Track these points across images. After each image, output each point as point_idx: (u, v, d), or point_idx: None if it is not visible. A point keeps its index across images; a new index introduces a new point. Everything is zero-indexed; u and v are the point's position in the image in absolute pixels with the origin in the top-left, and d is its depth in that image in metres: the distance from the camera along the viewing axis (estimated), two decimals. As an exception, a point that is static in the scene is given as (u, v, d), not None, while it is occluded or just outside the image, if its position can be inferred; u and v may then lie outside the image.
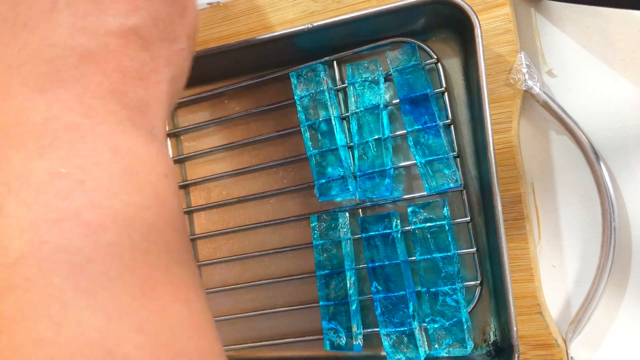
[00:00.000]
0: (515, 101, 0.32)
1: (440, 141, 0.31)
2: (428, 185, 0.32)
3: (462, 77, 0.33)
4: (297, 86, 0.34)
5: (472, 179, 0.33)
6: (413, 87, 0.32)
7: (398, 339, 0.32)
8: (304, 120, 0.34)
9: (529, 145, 0.34)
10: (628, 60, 0.32)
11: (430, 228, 0.32)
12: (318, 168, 0.33)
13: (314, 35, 0.33)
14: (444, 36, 0.33)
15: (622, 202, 0.32)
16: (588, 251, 0.33)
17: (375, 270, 0.33)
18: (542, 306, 0.32)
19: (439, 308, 0.31)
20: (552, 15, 0.34)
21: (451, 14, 0.30)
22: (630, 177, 0.32)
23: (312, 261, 0.34)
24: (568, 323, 0.32)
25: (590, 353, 0.32)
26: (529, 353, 0.32)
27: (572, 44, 0.33)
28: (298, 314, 0.36)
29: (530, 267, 0.32)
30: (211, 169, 0.39)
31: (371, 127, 0.33)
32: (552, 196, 0.33)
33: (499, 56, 0.32)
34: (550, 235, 0.33)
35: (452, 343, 0.31)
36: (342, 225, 0.34)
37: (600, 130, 0.32)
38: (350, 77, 0.34)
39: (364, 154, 0.33)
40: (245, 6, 0.38)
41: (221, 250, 0.38)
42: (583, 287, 0.32)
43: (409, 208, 0.32)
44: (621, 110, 0.32)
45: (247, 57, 0.35)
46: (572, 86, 0.33)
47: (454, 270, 0.31)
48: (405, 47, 0.33)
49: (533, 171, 0.34)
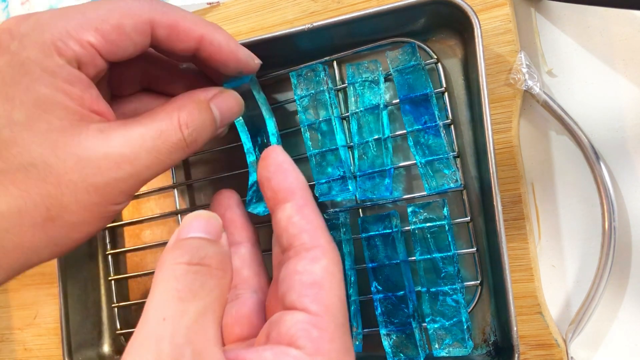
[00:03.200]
0: (515, 101, 0.32)
1: (440, 141, 0.31)
2: (428, 185, 0.32)
3: (462, 77, 0.33)
4: (297, 86, 0.34)
5: (472, 179, 0.33)
6: (413, 87, 0.32)
7: (398, 339, 0.32)
8: (304, 120, 0.34)
9: (529, 145, 0.34)
10: (628, 60, 0.32)
11: (430, 228, 0.32)
12: (318, 168, 0.33)
13: (314, 35, 0.33)
14: (444, 36, 0.33)
15: (622, 202, 0.32)
16: (588, 251, 0.33)
17: (375, 270, 0.33)
18: (542, 306, 0.32)
19: (439, 308, 0.31)
20: (552, 15, 0.34)
21: (451, 14, 0.30)
22: (630, 177, 0.32)
23: (312, 261, 0.34)
24: (568, 323, 0.32)
25: (590, 353, 0.32)
26: (529, 353, 0.32)
27: (572, 44, 0.33)
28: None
29: (530, 267, 0.32)
30: (212, 168, 0.39)
31: (371, 127, 0.33)
32: (552, 196, 0.33)
33: (499, 56, 0.32)
34: (550, 235, 0.33)
35: (452, 343, 0.31)
36: (342, 225, 0.34)
37: (600, 130, 0.32)
38: (350, 77, 0.34)
39: (364, 154, 0.33)
40: (245, 6, 0.38)
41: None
42: (583, 287, 0.32)
43: (409, 208, 0.32)
44: (621, 110, 0.32)
45: (247, 57, 0.35)
46: (572, 86, 0.33)
47: (454, 270, 0.31)
48: (405, 47, 0.33)
49: (533, 171, 0.34)
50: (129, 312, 0.41)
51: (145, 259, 0.41)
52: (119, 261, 0.42)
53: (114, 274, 0.41)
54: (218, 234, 0.22)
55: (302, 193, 0.24)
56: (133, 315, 0.41)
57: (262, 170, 0.25)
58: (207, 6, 0.40)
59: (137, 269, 0.41)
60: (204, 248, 0.21)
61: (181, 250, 0.20)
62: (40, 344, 0.44)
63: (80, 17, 0.22)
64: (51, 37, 0.21)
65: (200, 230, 0.21)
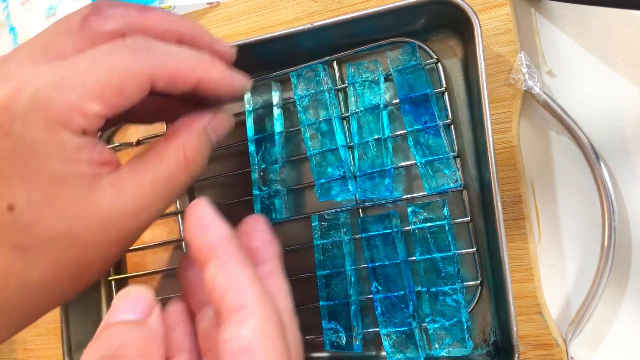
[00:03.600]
0: (515, 101, 0.32)
1: (440, 141, 0.31)
2: (428, 185, 0.32)
3: (462, 77, 0.33)
4: (297, 86, 0.34)
5: (472, 179, 0.33)
6: (413, 87, 0.32)
7: (398, 339, 0.32)
8: (304, 120, 0.34)
9: (529, 145, 0.34)
10: (628, 60, 0.32)
11: (430, 228, 0.32)
12: (318, 168, 0.33)
13: (314, 35, 0.33)
14: (444, 36, 0.33)
15: (622, 202, 0.32)
16: (588, 251, 0.33)
17: (375, 270, 0.33)
18: (542, 306, 0.32)
19: (439, 308, 0.31)
20: (552, 15, 0.34)
21: (451, 14, 0.30)
22: (630, 177, 0.32)
23: (312, 261, 0.34)
24: (568, 323, 0.32)
25: (590, 353, 0.32)
26: (529, 353, 0.32)
27: (572, 44, 0.33)
28: (298, 314, 0.36)
29: (530, 267, 0.32)
30: (212, 168, 0.39)
31: (371, 127, 0.33)
32: (552, 196, 0.33)
33: (499, 56, 0.32)
34: (550, 235, 0.33)
35: (452, 343, 0.31)
36: (342, 225, 0.34)
37: (600, 130, 0.32)
38: (350, 77, 0.34)
39: (364, 154, 0.33)
40: (245, 6, 0.38)
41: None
42: (583, 287, 0.32)
43: (409, 208, 0.32)
44: (621, 110, 0.32)
45: (247, 57, 0.35)
46: (572, 86, 0.33)
47: (454, 270, 0.31)
48: (405, 47, 0.33)
49: (533, 171, 0.34)
50: (129, 312, 0.41)
51: (145, 259, 0.41)
52: (119, 261, 0.42)
53: (114, 274, 0.41)
54: (147, 312, 0.22)
55: (225, 247, 0.22)
56: (133, 315, 0.41)
57: (184, 231, 0.24)
58: (207, 6, 0.40)
59: (137, 269, 0.41)
60: (122, 335, 0.20)
61: (97, 342, 0.20)
62: (40, 344, 0.44)
63: (81, 86, 0.22)
64: (55, 113, 0.21)
65: (126, 311, 0.21)
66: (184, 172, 0.25)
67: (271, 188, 0.34)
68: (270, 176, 0.34)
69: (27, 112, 0.21)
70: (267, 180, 0.34)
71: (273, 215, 0.34)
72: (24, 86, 0.21)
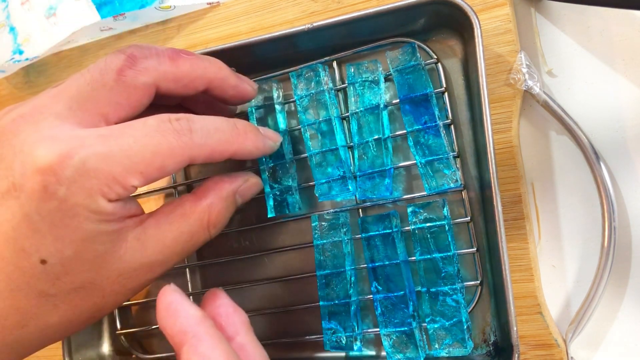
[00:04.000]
0: (515, 101, 0.32)
1: (440, 141, 0.31)
2: (428, 185, 0.32)
3: (462, 77, 0.33)
4: (297, 86, 0.34)
5: (472, 179, 0.33)
6: (413, 87, 0.32)
7: (398, 339, 0.32)
8: (304, 120, 0.34)
9: (529, 145, 0.34)
10: (628, 60, 0.32)
11: (430, 228, 0.32)
12: (318, 168, 0.33)
13: (314, 35, 0.33)
14: (444, 36, 0.33)
15: (622, 202, 0.32)
16: (588, 251, 0.33)
17: (375, 270, 0.33)
18: (542, 306, 0.32)
19: (439, 308, 0.31)
20: (552, 15, 0.34)
21: (451, 14, 0.30)
22: (630, 177, 0.32)
23: (312, 261, 0.34)
24: (568, 323, 0.32)
25: (590, 353, 0.32)
26: (529, 353, 0.32)
27: (572, 44, 0.33)
28: (298, 314, 0.36)
29: (530, 267, 0.32)
30: (212, 168, 0.39)
31: (371, 127, 0.33)
32: (552, 196, 0.33)
33: (499, 56, 0.32)
34: (550, 235, 0.33)
35: (452, 343, 0.31)
36: (342, 225, 0.34)
37: (600, 130, 0.32)
38: (350, 77, 0.34)
39: (364, 154, 0.33)
40: (245, 6, 0.38)
41: (221, 250, 0.39)
42: (583, 287, 0.32)
43: (409, 208, 0.32)
44: (621, 110, 0.32)
45: (247, 57, 0.35)
46: (572, 86, 0.33)
47: (454, 270, 0.31)
48: (405, 47, 0.33)
49: (533, 171, 0.34)
50: (129, 312, 0.41)
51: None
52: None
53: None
54: None
55: (195, 331, 0.23)
56: (133, 316, 0.41)
57: (157, 319, 0.25)
58: (207, 6, 0.40)
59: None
60: None
61: None
62: (40, 344, 0.44)
63: (127, 161, 0.23)
64: (98, 184, 0.22)
65: None
66: (205, 233, 0.27)
67: (282, 185, 0.34)
68: (280, 173, 0.34)
69: (74, 180, 0.22)
70: (277, 177, 0.34)
71: (286, 211, 0.34)
72: (73, 153, 0.22)
